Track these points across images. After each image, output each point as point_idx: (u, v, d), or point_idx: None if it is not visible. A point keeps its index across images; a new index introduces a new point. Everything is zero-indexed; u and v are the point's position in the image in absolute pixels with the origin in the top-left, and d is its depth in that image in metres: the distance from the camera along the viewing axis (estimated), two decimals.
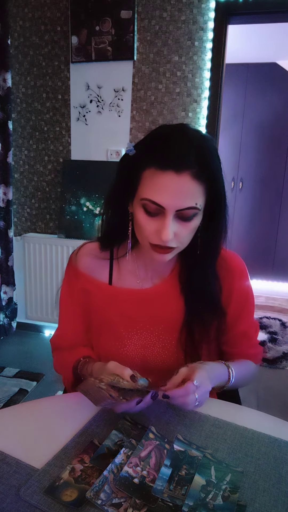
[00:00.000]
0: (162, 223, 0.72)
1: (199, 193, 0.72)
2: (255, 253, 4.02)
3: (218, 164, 0.74)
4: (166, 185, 0.70)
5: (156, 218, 0.73)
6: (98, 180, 2.42)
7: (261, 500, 0.58)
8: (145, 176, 0.72)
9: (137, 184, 0.74)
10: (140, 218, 0.74)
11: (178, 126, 0.75)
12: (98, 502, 0.55)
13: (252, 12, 2.13)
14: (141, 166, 0.73)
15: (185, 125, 0.75)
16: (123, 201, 0.80)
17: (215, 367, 0.81)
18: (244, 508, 0.56)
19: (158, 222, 0.73)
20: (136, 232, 0.79)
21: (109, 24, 2.26)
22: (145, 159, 0.72)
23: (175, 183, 0.69)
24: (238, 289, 0.88)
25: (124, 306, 0.88)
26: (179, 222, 0.73)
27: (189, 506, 0.55)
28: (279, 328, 2.78)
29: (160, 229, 0.72)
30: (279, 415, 0.78)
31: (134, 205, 0.77)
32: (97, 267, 0.90)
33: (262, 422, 0.76)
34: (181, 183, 0.70)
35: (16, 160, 2.65)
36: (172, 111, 2.32)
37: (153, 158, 0.71)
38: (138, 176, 0.74)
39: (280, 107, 3.73)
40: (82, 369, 0.84)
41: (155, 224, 0.73)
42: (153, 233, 0.74)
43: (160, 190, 0.70)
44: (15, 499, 0.55)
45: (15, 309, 2.72)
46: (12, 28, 2.44)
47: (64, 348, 0.94)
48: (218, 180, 0.75)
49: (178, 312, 0.86)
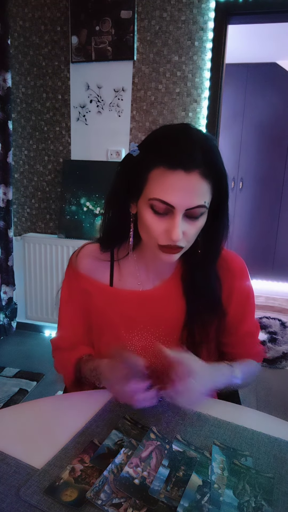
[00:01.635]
0: (172, 223, 0.72)
1: (206, 192, 0.72)
2: (255, 253, 4.02)
3: (222, 162, 0.75)
4: (176, 185, 0.70)
5: (164, 218, 0.73)
6: (98, 180, 2.42)
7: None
8: (153, 176, 0.72)
9: (143, 184, 0.74)
10: (147, 219, 0.74)
11: (182, 125, 0.75)
12: (98, 502, 0.55)
13: (252, 12, 2.13)
14: (147, 166, 0.73)
15: (188, 125, 0.75)
16: (124, 202, 0.80)
17: (216, 366, 0.81)
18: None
19: (166, 222, 0.73)
20: (142, 233, 0.79)
21: (109, 24, 2.26)
22: (152, 159, 0.72)
23: (184, 182, 0.70)
24: (238, 289, 0.88)
25: (124, 308, 0.88)
26: (187, 221, 0.73)
27: (184, 507, 0.55)
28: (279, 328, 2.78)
29: (169, 228, 0.72)
30: (279, 415, 0.78)
31: (140, 206, 0.76)
32: (98, 269, 0.89)
33: (262, 422, 0.76)
34: (190, 182, 0.70)
35: (16, 160, 2.65)
36: (172, 111, 2.32)
37: (161, 157, 0.70)
38: (145, 177, 0.73)
39: (280, 107, 3.73)
40: (83, 366, 0.84)
41: (163, 224, 0.73)
42: (162, 233, 0.74)
43: (169, 190, 0.70)
44: (15, 499, 0.55)
45: (15, 309, 2.72)
46: (12, 28, 2.44)
47: (65, 348, 0.94)
48: (224, 179, 0.75)
49: (179, 313, 0.86)
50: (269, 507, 0.56)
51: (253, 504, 0.56)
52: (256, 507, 0.56)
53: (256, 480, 0.61)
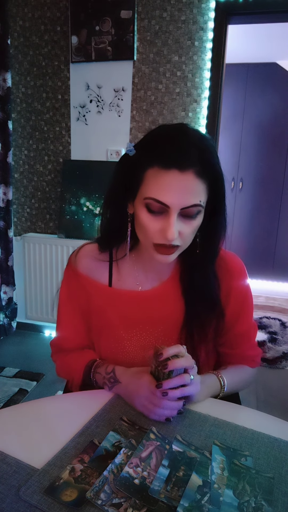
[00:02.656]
0: (167, 222, 0.72)
1: (202, 191, 0.72)
2: (255, 253, 4.02)
3: (218, 162, 0.75)
4: (170, 184, 0.70)
5: (159, 217, 0.73)
6: (98, 180, 2.42)
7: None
8: (148, 176, 0.72)
9: (139, 183, 0.74)
10: (143, 218, 0.74)
11: (178, 125, 0.75)
12: (98, 502, 0.55)
13: (252, 12, 2.13)
14: (143, 165, 0.73)
15: (184, 125, 0.75)
16: (122, 202, 0.80)
17: (205, 378, 0.82)
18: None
19: (162, 221, 0.73)
20: (138, 233, 0.79)
21: (109, 24, 2.26)
22: (147, 158, 0.72)
23: (179, 182, 0.70)
24: (236, 289, 0.88)
25: (123, 308, 0.88)
26: (183, 221, 0.73)
27: (184, 507, 0.55)
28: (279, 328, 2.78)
29: (164, 228, 0.72)
30: (279, 415, 0.78)
31: (136, 205, 0.76)
32: (97, 269, 0.89)
33: (262, 422, 0.75)
34: (185, 181, 0.70)
35: (16, 160, 2.65)
36: (172, 111, 2.32)
37: (156, 157, 0.71)
38: (140, 176, 0.74)
39: (280, 107, 3.73)
40: (96, 370, 0.85)
41: (159, 224, 0.73)
42: (157, 233, 0.74)
43: (164, 189, 0.70)
44: (15, 499, 0.55)
45: (15, 309, 2.72)
46: (12, 28, 2.44)
47: (67, 350, 0.93)
48: (219, 178, 0.76)
49: (177, 313, 0.86)
50: (269, 507, 0.56)
51: (253, 504, 0.56)
52: (256, 507, 0.56)
53: (256, 480, 0.61)
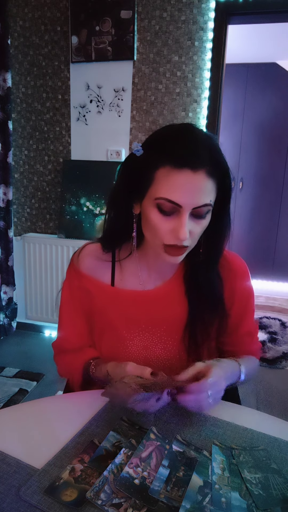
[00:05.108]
0: (179, 222, 0.72)
1: (212, 190, 0.73)
2: (255, 253, 4.02)
3: (226, 161, 0.75)
4: (183, 184, 0.70)
5: (171, 217, 0.73)
6: (98, 180, 2.42)
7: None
8: (159, 176, 0.72)
9: (149, 184, 0.73)
10: (153, 218, 0.74)
11: (185, 125, 0.75)
12: (98, 502, 0.55)
13: (252, 12, 2.13)
14: (152, 165, 0.72)
15: (191, 125, 0.75)
16: (127, 202, 0.80)
17: (229, 365, 0.81)
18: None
19: (173, 222, 0.73)
20: (147, 233, 0.79)
21: (109, 24, 2.26)
22: (157, 158, 0.72)
23: (191, 181, 0.70)
24: (240, 290, 0.88)
25: (126, 308, 0.88)
26: (193, 220, 0.73)
27: (186, 508, 0.55)
28: (279, 328, 2.78)
29: (176, 228, 0.72)
30: (279, 415, 0.78)
31: (145, 206, 0.76)
32: (99, 268, 0.89)
33: (262, 422, 0.76)
34: (197, 180, 0.70)
35: (16, 160, 2.65)
36: (172, 111, 2.32)
37: (167, 157, 0.70)
38: (150, 176, 0.73)
39: (280, 107, 3.73)
40: (95, 371, 0.84)
41: (170, 224, 0.73)
42: (168, 233, 0.73)
43: (177, 189, 0.70)
44: (15, 499, 0.55)
45: (15, 309, 2.72)
46: (12, 28, 2.44)
47: (69, 351, 0.93)
48: (227, 177, 0.76)
49: (180, 313, 0.86)
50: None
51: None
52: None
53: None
